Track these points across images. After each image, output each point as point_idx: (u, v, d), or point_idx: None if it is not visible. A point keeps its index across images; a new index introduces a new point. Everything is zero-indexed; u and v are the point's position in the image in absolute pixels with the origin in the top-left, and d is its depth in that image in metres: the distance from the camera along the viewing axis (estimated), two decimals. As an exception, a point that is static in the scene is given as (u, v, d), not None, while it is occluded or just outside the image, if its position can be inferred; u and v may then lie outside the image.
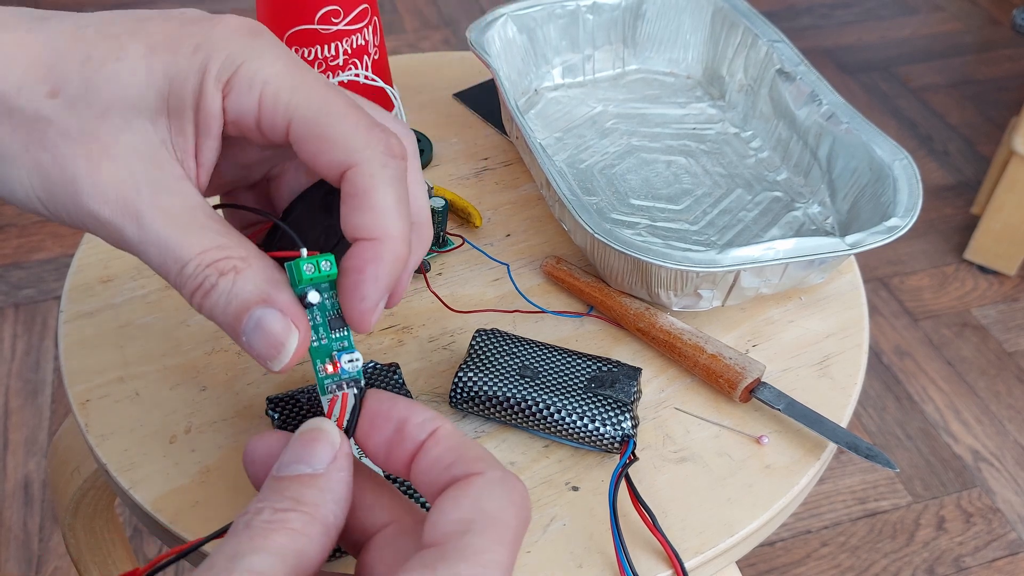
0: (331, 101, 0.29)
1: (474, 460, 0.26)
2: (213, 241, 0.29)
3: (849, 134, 0.56)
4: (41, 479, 1.13)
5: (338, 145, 0.29)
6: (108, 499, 0.62)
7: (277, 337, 0.28)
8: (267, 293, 0.28)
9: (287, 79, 0.29)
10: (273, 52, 0.29)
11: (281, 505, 0.25)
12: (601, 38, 0.68)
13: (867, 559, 1.10)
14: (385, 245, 0.28)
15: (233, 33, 0.29)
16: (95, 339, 0.48)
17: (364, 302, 0.29)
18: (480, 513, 0.25)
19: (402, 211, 0.29)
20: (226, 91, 0.29)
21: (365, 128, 0.29)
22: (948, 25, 2.14)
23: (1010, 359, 1.34)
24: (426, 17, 2.09)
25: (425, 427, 0.27)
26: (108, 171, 0.28)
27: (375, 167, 0.28)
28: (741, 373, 0.46)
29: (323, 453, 0.27)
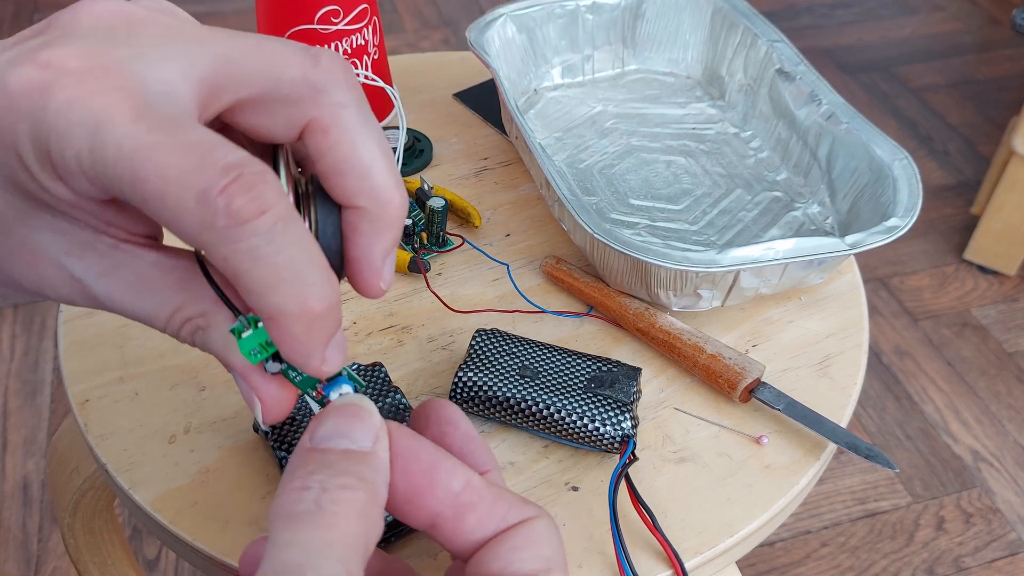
0: (144, 177, 0.23)
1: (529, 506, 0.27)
2: (171, 305, 0.27)
3: (849, 134, 0.56)
4: (40, 479, 1.13)
5: (176, 230, 0.24)
6: (107, 499, 0.62)
7: (246, 400, 0.27)
8: (225, 359, 0.27)
9: (97, 159, 0.23)
10: (71, 116, 0.23)
11: (343, 481, 0.24)
12: (601, 38, 0.68)
13: (867, 559, 1.10)
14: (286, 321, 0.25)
15: (24, 102, 0.23)
16: (94, 339, 0.48)
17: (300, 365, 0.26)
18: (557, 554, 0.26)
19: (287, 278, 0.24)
20: (59, 178, 0.24)
21: (196, 202, 0.23)
22: (948, 25, 2.14)
23: (1010, 359, 1.34)
24: (426, 17, 2.09)
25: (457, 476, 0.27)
26: (53, 277, 0.27)
27: (224, 250, 0.23)
28: (741, 373, 0.46)
29: (367, 431, 0.25)
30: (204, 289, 0.27)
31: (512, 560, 0.25)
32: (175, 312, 0.27)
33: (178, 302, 0.27)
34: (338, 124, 0.26)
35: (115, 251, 0.27)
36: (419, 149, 0.62)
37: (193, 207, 0.23)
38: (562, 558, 0.26)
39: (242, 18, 2.04)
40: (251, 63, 0.26)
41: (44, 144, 0.23)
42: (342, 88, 0.26)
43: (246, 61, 0.26)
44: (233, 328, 0.26)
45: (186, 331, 0.27)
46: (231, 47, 0.26)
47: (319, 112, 0.26)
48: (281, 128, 0.26)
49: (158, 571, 1.06)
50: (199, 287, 0.27)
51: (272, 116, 0.26)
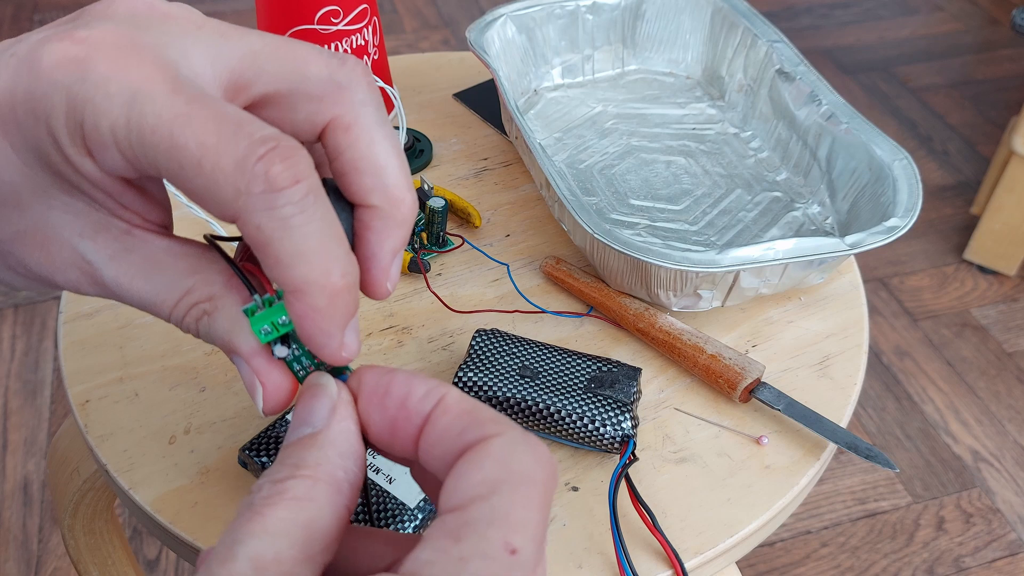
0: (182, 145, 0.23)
1: (490, 422, 0.24)
2: (180, 289, 0.27)
3: (849, 134, 0.56)
4: (40, 480, 1.13)
5: (210, 198, 0.24)
6: (108, 500, 0.62)
7: (248, 387, 0.27)
8: (230, 343, 0.27)
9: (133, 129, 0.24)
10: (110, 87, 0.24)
11: (279, 475, 0.23)
12: (601, 38, 0.68)
13: (867, 559, 1.10)
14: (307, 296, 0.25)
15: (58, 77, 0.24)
16: (95, 340, 0.48)
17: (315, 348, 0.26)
18: (506, 472, 0.22)
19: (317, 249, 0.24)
20: (89, 152, 0.25)
21: (233, 168, 0.23)
22: (948, 25, 2.14)
23: (1010, 359, 1.34)
24: (426, 17, 2.09)
25: (430, 397, 0.25)
26: (63, 259, 0.27)
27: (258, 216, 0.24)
28: (741, 373, 0.46)
29: (321, 407, 0.25)
30: (214, 275, 0.27)
31: (453, 488, 0.22)
32: (184, 296, 0.27)
33: (187, 286, 0.27)
34: (359, 123, 0.27)
35: (128, 235, 0.27)
36: (419, 149, 0.62)
37: (231, 173, 0.23)
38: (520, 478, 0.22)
39: (242, 18, 2.04)
40: (278, 59, 0.26)
41: (78, 116, 0.24)
42: (364, 88, 0.27)
43: (273, 57, 0.26)
44: (246, 308, 0.26)
45: (192, 316, 0.27)
46: (258, 43, 0.26)
47: (342, 110, 0.27)
48: (303, 125, 0.27)
49: (158, 571, 1.06)
50: (209, 273, 0.27)
51: (295, 112, 0.27)
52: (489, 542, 0.21)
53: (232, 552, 0.22)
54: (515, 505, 0.22)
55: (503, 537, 0.21)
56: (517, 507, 0.22)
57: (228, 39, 0.26)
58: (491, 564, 0.21)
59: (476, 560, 0.21)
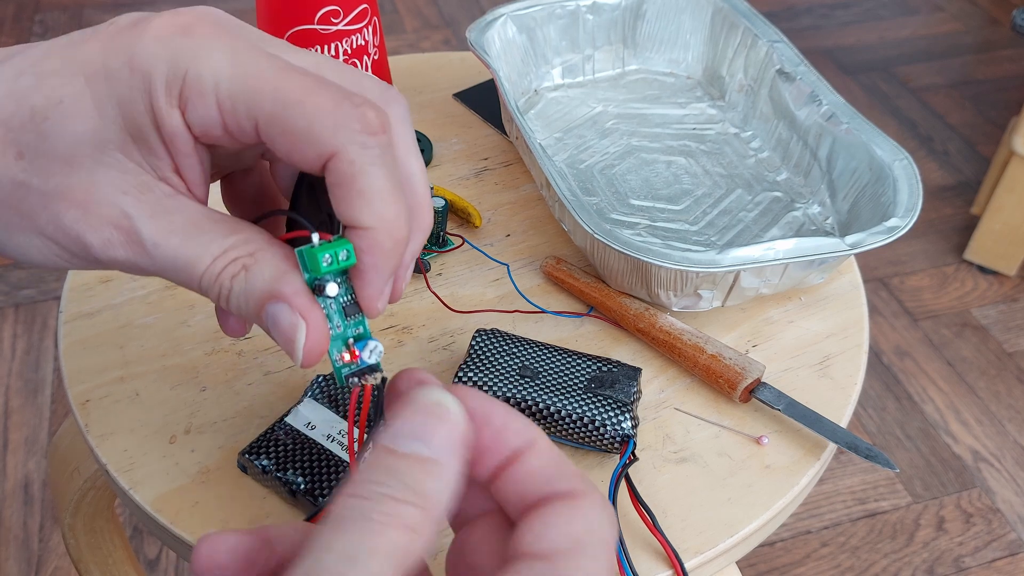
0: (288, 89, 0.27)
1: (576, 478, 0.25)
2: (219, 247, 0.28)
3: (849, 134, 0.56)
4: (41, 479, 1.13)
5: (308, 137, 0.27)
6: (108, 499, 0.62)
7: (286, 332, 0.28)
8: (273, 288, 0.28)
9: (239, 77, 0.27)
10: (215, 46, 0.27)
11: (399, 494, 0.23)
12: (601, 38, 0.68)
13: (867, 559, 1.10)
14: (381, 232, 0.27)
15: (165, 37, 0.27)
16: (95, 339, 0.48)
17: (367, 290, 0.28)
18: (592, 535, 0.24)
19: (393, 192, 0.27)
20: (182, 106, 0.27)
21: (333, 109, 0.26)
22: (948, 25, 2.14)
23: (1010, 359, 1.34)
24: (426, 17, 2.09)
25: (523, 435, 0.26)
26: (101, 216, 0.28)
27: (353, 151, 0.26)
28: (741, 373, 0.46)
29: (444, 436, 0.25)
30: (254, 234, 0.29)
31: (541, 534, 0.24)
32: (223, 253, 0.28)
33: (228, 244, 0.28)
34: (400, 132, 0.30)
35: (171, 198, 0.29)
36: (419, 149, 0.62)
37: (331, 111, 0.26)
38: (601, 543, 0.24)
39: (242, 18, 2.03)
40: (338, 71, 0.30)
41: (181, 68, 0.27)
42: (404, 109, 0.31)
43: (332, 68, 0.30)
44: (301, 249, 0.28)
45: (228, 271, 0.28)
46: (323, 59, 0.30)
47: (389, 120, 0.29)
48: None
49: (159, 571, 1.06)
50: (249, 232, 0.29)
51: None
52: None
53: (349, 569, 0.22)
54: (595, 567, 0.24)
55: None
56: (597, 569, 0.24)
57: (295, 50, 0.30)
58: None
59: None
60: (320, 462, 0.40)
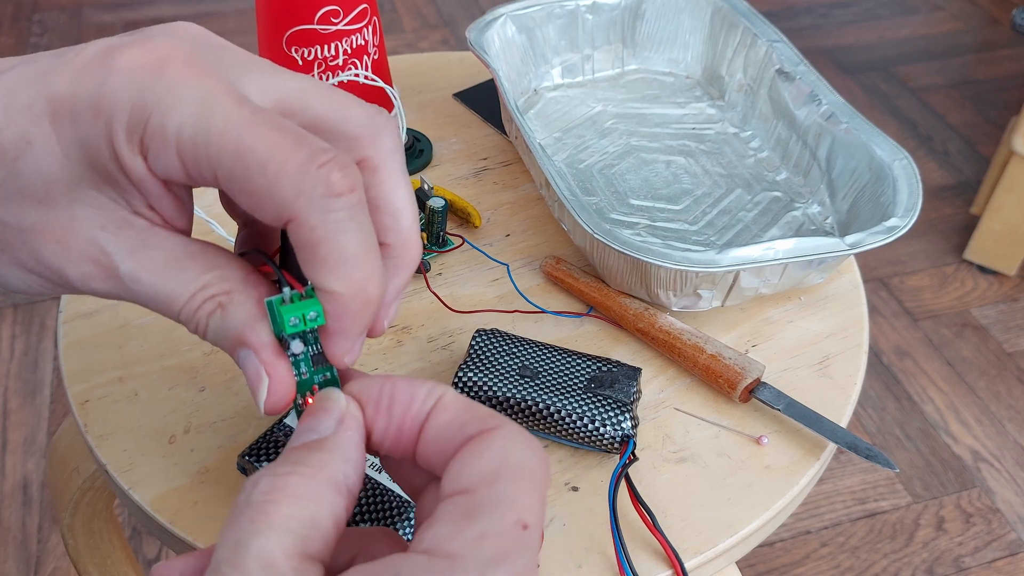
0: (250, 146, 0.25)
1: (488, 417, 0.25)
2: (197, 283, 0.28)
3: (849, 134, 0.56)
4: (40, 479, 1.13)
5: (269, 198, 0.25)
6: (107, 499, 0.62)
7: (252, 381, 0.28)
8: (243, 334, 0.27)
9: (202, 130, 0.25)
10: (182, 91, 0.26)
11: (280, 471, 0.24)
12: (600, 38, 0.68)
13: (867, 559, 1.10)
14: (345, 298, 0.26)
15: (130, 78, 0.26)
16: (94, 339, 0.48)
17: (334, 348, 0.28)
18: (509, 462, 0.24)
19: (361, 255, 0.26)
20: (143, 153, 0.26)
21: (295, 171, 0.25)
22: (948, 25, 2.14)
23: (1010, 359, 1.34)
24: (426, 17, 2.09)
25: (430, 398, 0.26)
26: (80, 252, 0.28)
27: (314, 217, 0.25)
28: (741, 373, 0.46)
29: (329, 418, 0.26)
30: (231, 271, 0.28)
31: (458, 474, 0.24)
32: (200, 290, 0.28)
33: (204, 281, 0.28)
34: (387, 166, 0.29)
35: (149, 232, 0.28)
36: (419, 149, 0.62)
37: (293, 175, 0.25)
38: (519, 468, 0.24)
39: (242, 18, 2.04)
40: (323, 98, 0.29)
41: (144, 115, 0.26)
42: (395, 138, 0.29)
43: (318, 95, 0.29)
44: (270, 300, 0.27)
45: (205, 309, 0.28)
46: (306, 82, 0.29)
47: (374, 152, 0.29)
48: None
49: (158, 571, 1.06)
50: (227, 270, 0.28)
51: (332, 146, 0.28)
52: (503, 520, 0.23)
53: (240, 555, 0.22)
54: (520, 490, 0.24)
55: (514, 516, 0.23)
56: (521, 492, 0.24)
57: (278, 74, 0.28)
58: (507, 539, 0.23)
59: (493, 536, 0.23)
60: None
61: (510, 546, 0.23)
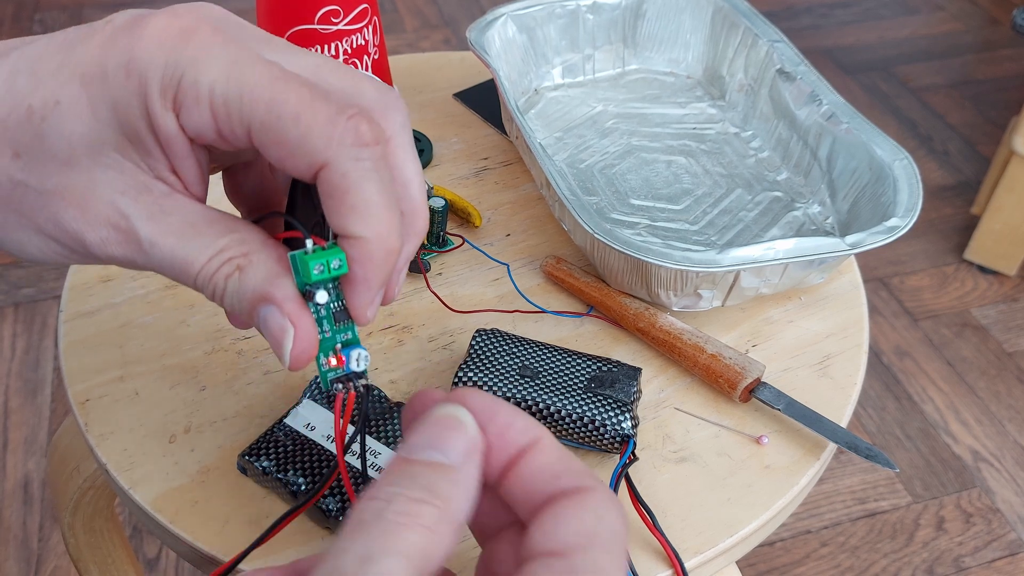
0: (283, 99, 0.26)
1: (584, 474, 0.26)
2: (214, 246, 0.28)
3: (849, 134, 0.56)
4: (40, 478, 1.13)
5: (301, 147, 0.27)
6: (108, 498, 0.62)
7: (275, 335, 0.28)
8: (265, 290, 0.28)
9: (233, 82, 0.27)
10: (211, 52, 0.27)
11: (415, 495, 0.24)
12: (601, 38, 0.68)
13: (867, 559, 1.10)
14: (372, 244, 0.27)
15: (162, 40, 0.27)
16: (95, 339, 0.48)
17: (357, 299, 0.28)
18: (604, 529, 0.24)
19: (385, 204, 0.27)
20: (176, 110, 0.27)
21: (326, 121, 0.26)
22: (948, 25, 2.14)
23: (1010, 359, 1.34)
24: (426, 17, 2.09)
25: (528, 433, 0.26)
26: (99, 215, 0.28)
27: (346, 164, 0.27)
28: (741, 373, 0.46)
29: (459, 444, 0.25)
30: (250, 234, 0.29)
31: (553, 532, 0.24)
32: (218, 252, 0.29)
33: (223, 244, 0.29)
34: (397, 138, 0.30)
35: (168, 198, 0.29)
36: (419, 149, 0.62)
37: (324, 125, 0.26)
38: (613, 536, 0.24)
39: (242, 18, 2.04)
40: (339, 74, 0.30)
41: (178, 73, 0.27)
42: (404, 114, 0.30)
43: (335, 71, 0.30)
44: (294, 253, 0.28)
45: (223, 271, 0.28)
46: (322, 59, 0.30)
47: (385, 125, 0.29)
48: None
49: (158, 570, 1.06)
50: (245, 232, 0.29)
51: None
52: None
53: (364, 569, 0.22)
54: (612, 559, 0.24)
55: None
56: (614, 561, 0.24)
57: (295, 52, 0.29)
58: None
59: None
60: (320, 463, 0.40)
61: None
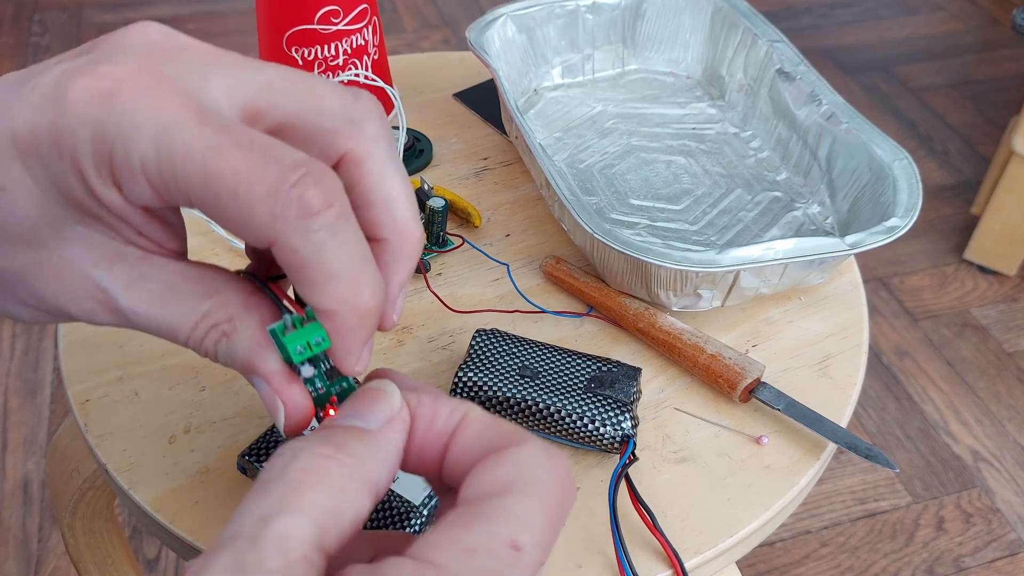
0: (218, 173, 0.24)
1: (513, 433, 0.25)
2: (197, 312, 0.27)
3: (849, 134, 0.56)
4: (40, 479, 1.13)
5: (245, 225, 0.24)
6: (107, 499, 0.62)
7: (268, 406, 0.27)
8: (251, 362, 0.27)
9: (164, 154, 0.24)
10: (137, 119, 0.24)
11: (323, 450, 0.23)
12: (601, 38, 0.68)
13: (867, 559, 1.10)
14: (343, 315, 0.26)
15: (86, 111, 0.24)
16: (95, 339, 0.48)
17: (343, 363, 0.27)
18: (521, 475, 0.23)
19: (350, 271, 0.25)
20: (116, 183, 0.25)
21: (267, 196, 0.24)
22: (948, 25, 2.14)
23: (1010, 359, 1.34)
24: (426, 17, 2.09)
25: (454, 416, 0.26)
26: (77, 290, 0.27)
27: (295, 240, 0.24)
28: (741, 373, 0.46)
29: (380, 412, 0.25)
30: (231, 296, 0.27)
31: (471, 483, 0.23)
32: (202, 319, 0.27)
33: (204, 309, 0.27)
34: (371, 157, 0.27)
35: (144, 262, 0.27)
36: (419, 149, 0.62)
37: (265, 199, 0.24)
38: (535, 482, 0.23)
39: (242, 18, 2.04)
40: (294, 92, 0.27)
41: (107, 148, 0.24)
42: (377, 124, 0.27)
43: (289, 89, 0.27)
44: (272, 328, 0.26)
45: (210, 339, 0.27)
46: (274, 75, 0.27)
47: (355, 144, 0.27)
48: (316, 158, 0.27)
49: (158, 571, 1.06)
50: (226, 295, 0.28)
51: (308, 145, 0.27)
52: (495, 537, 0.22)
53: (261, 529, 0.21)
54: (524, 506, 0.22)
55: (509, 534, 0.22)
56: (526, 508, 0.22)
57: (245, 70, 0.26)
58: (494, 558, 0.22)
59: (482, 553, 0.21)
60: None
61: (495, 566, 0.21)
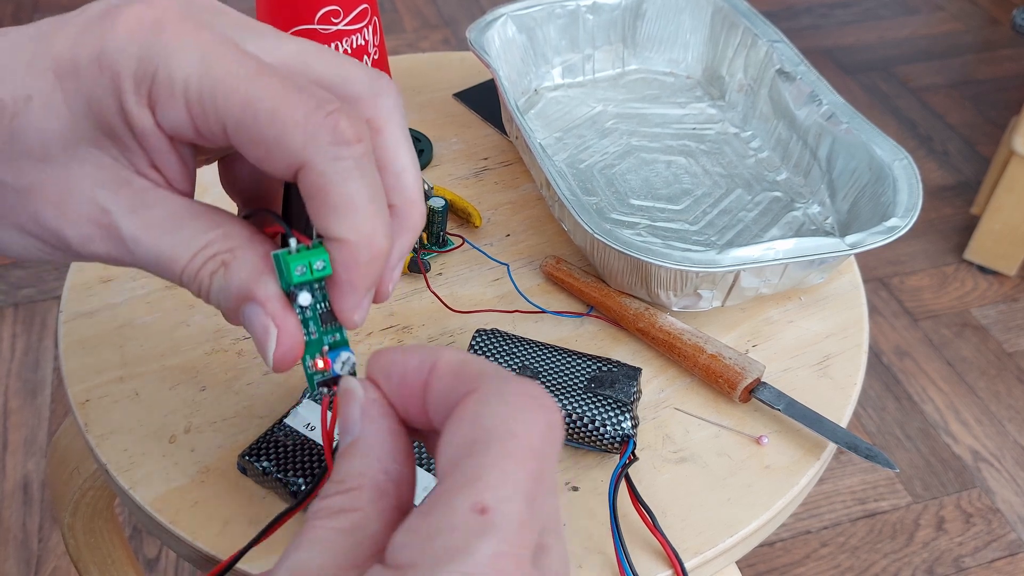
0: (258, 95, 0.25)
1: (472, 377, 0.23)
2: (199, 242, 0.28)
3: (849, 134, 0.56)
4: (40, 479, 1.13)
5: (278, 147, 0.25)
6: (108, 499, 0.62)
7: (259, 336, 0.27)
8: (249, 288, 0.27)
9: (208, 80, 0.25)
10: (185, 45, 0.25)
11: (326, 491, 0.24)
12: (601, 38, 0.68)
13: (867, 559, 1.10)
14: (356, 246, 0.26)
15: (135, 32, 0.26)
16: (95, 339, 0.48)
17: (342, 303, 0.27)
18: (478, 430, 0.21)
19: (369, 205, 0.26)
20: (151, 105, 0.26)
21: (303, 119, 0.25)
22: (948, 25, 2.14)
23: (1010, 359, 1.34)
24: (426, 17, 2.09)
25: (423, 368, 0.25)
26: (79, 212, 0.27)
27: (324, 164, 0.25)
28: (741, 373, 0.46)
29: (353, 413, 0.25)
30: (235, 229, 0.28)
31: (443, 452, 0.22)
32: (204, 247, 0.28)
33: (207, 239, 0.28)
34: (389, 127, 0.29)
35: (150, 192, 0.28)
36: (419, 149, 0.62)
37: (301, 122, 0.25)
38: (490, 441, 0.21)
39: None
40: (325, 60, 0.28)
41: (151, 68, 0.25)
42: (396, 99, 0.29)
43: (320, 57, 0.28)
44: (277, 252, 0.27)
45: (207, 268, 0.28)
46: (307, 45, 0.29)
47: (376, 113, 0.28)
48: None
49: (158, 571, 1.06)
50: (230, 227, 0.28)
51: None
52: (454, 511, 0.20)
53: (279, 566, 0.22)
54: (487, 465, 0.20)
55: (471, 500, 0.20)
56: (489, 466, 0.20)
57: (279, 37, 0.28)
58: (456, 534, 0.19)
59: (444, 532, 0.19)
60: (320, 463, 0.40)
61: (460, 541, 0.19)
